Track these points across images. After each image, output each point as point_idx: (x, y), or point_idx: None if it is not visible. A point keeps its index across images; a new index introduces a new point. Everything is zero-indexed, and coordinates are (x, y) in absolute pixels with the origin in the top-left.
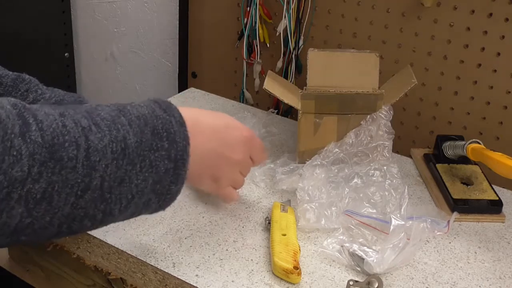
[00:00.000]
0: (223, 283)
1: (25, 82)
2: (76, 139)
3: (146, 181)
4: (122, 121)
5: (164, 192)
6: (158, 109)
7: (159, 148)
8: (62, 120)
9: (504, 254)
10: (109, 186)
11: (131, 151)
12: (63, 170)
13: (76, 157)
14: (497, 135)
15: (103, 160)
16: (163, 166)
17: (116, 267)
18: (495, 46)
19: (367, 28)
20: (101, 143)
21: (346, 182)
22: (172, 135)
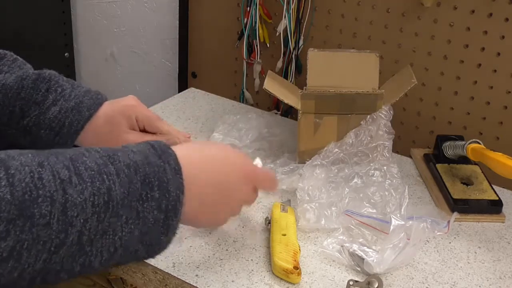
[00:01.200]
0: (223, 283)
1: (45, 80)
2: (51, 193)
3: (132, 233)
4: (110, 170)
5: (153, 243)
6: (152, 155)
7: (148, 199)
8: (40, 171)
9: (504, 254)
10: (89, 240)
11: (116, 203)
12: (34, 227)
13: (50, 213)
14: (497, 135)
15: (81, 214)
16: (152, 217)
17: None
18: (495, 46)
19: (367, 28)
20: (81, 197)
21: (346, 182)
22: (164, 184)
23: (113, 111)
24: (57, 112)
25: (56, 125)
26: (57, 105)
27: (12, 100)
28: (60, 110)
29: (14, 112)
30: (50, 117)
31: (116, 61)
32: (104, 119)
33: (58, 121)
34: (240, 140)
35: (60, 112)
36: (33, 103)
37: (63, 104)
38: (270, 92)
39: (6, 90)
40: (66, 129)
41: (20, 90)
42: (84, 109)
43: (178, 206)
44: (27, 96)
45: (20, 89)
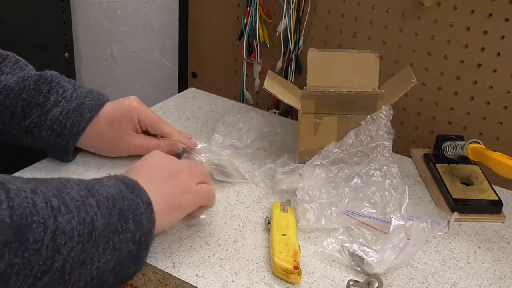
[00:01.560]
0: (223, 283)
1: (47, 81)
2: (44, 220)
3: (107, 263)
4: (91, 202)
5: (123, 273)
6: (125, 189)
7: (124, 231)
8: (33, 198)
9: (504, 254)
10: (70, 268)
11: (98, 234)
12: (27, 252)
13: (42, 239)
14: (497, 135)
15: (68, 243)
16: (126, 249)
17: None
18: (495, 46)
19: (367, 28)
20: (69, 225)
21: (346, 182)
22: (138, 217)
23: (114, 112)
24: (59, 113)
25: (58, 126)
26: (59, 106)
27: (14, 101)
28: (62, 111)
29: (15, 113)
30: (51, 118)
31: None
32: (105, 121)
33: (59, 123)
34: (241, 140)
35: (62, 113)
36: (34, 104)
37: (65, 105)
38: (270, 92)
39: (8, 91)
40: (68, 131)
41: (21, 91)
42: (86, 110)
43: (149, 239)
44: (28, 97)
45: (21, 90)
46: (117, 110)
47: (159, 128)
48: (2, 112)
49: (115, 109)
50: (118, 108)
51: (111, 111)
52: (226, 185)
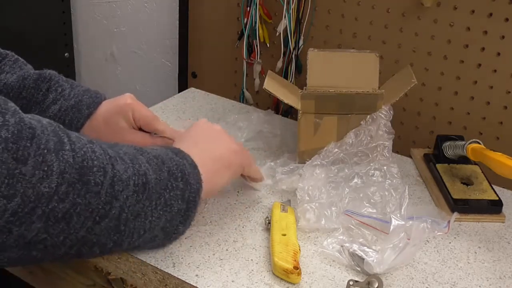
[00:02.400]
0: (223, 283)
1: (46, 80)
2: (104, 165)
3: (159, 218)
4: (142, 159)
5: (171, 231)
6: (170, 152)
7: (174, 188)
8: (91, 146)
9: (504, 254)
10: (126, 219)
11: (151, 187)
12: (88, 193)
13: (101, 183)
14: (497, 135)
15: (125, 190)
16: (176, 206)
17: (116, 267)
18: (495, 46)
19: (367, 28)
20: (126, 174)
21: (346, 182)
22: (186, 176)
23: (110, 110)
24: (57, 110)
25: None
26: (57, 104)
27: (14, 99)
28: (60, 109)
29: None
30: (50, 115)
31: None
32: (102, 118)
33: (58, 119)
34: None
35: (60, 111)
36: (34, 103)
37: (63, 103)
38: (270, 92)
39: (8, 90)
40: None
41: (21, 90)
42: (84, 107)
43: (197, 198)
44: (28, 95)
45: (21, 88)
46: (113, 108)
47: (153, 125)
48: None
49: (111, 106)
50: (114, 106)
51: (108, 109)
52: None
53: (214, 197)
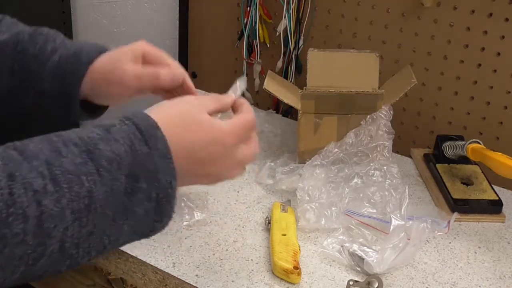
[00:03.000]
0: (223, 283)
1: (43, 34)
2: (24, 210)
3: (121, 228)
4: (89, 169)
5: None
6: (138, 141)
7: (135, 191)
8: (10, 185)
9: (504, 254)
10: (74, 244)
11: (99, 206)
12: (7, 247)
13: (24, 231)
14: (497, 135)
15: (60, 224)
16: (142, 209)
17: (116, 267)
18: (495, 46)
19: (367, 28)
20: (58, 206)
21: (346, 182)
22: (151, 173)
23: (117, 50)
24: (56, 61)
25: (57, 75)
26: (56, 54)
27: (10, 56)
28: (60, 59)
29: (14, 70)
30: (50, 68)
31: None
32: (104, 71)
33: (58, 73)
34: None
35: (60, 61)
36: (31, 56)
37: (63, 52)
38: (270, 92)
39: (2, 46)
40: (69, 78)
41: (16, 45)
42: (83, 55)
43: (171, 192)
44: (23, 50)
45: (16, 43)
46: (120, 49)
47: (165, 60)
48: (2, 70)
49: (118, 49)
50: (121, 48)
51: (115, 51)
52: (226, 185)
53: (214, 197)
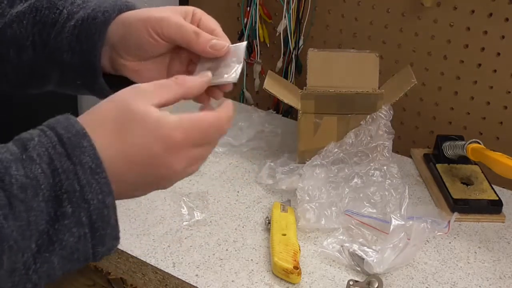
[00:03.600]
0: (223, 283)
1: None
2: None
3: (49, 261)
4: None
5: (87, 257)
6: (58, 156)
7: (59, 217)
8: None
9: (504, 254)
10: None
11: (13, 243)
12: None
13: None
14: (497, 135)
15: None
16: (72, 236)
17: (116, 267)
18: (495, 46)
19: (367, 28)
20: None
21: (346, 182)
22: (77, 193)
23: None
24: (72, 27)
25: (73, 42)
26: (73, 19)
27: (29, 27)
28: (76, 24)
29: (35, 42)
30: (66, 34)
31: None
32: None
33: (74, 36)
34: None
35: (76, 26)
36: (50, 26)
37: (80, 14)
38: (270, 92)
39: (20, 17)
40: (85, 43)
41: (35, 14)
42: (99, 14)
43: (107, 212)
44: (42, 18)
45: (35, 12)
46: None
47: (217, 32)
48: (23, 45)
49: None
50: (139, 15)
51: (130, 16)
52: (226, 185)
53: (214, 197)
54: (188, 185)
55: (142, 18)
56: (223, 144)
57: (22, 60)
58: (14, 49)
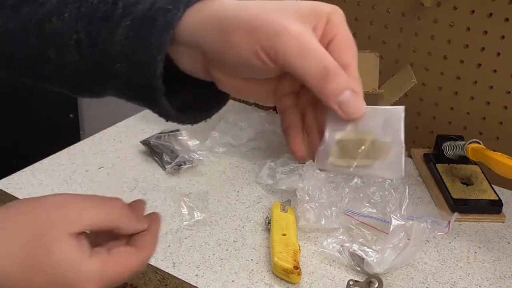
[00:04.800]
0: (223, 283)
1: None
2: None
3: None
4: None
5: None
6: None
7: None
8: None
9: (504, 254)
10: None
11: None
12: None
13: None
14: (497, 135)
15: None
16: None
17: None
18: (495, 46)
19: (367, 28)
20: None
21: (346, 182)
22: None
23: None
24: (128, 28)
25: (130, 51)
26: (129, 15)
27: (73, 22)
28: (132, 25)
29: (80, 41)
30: (120, 37)
31: None
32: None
33: (129, 41)
34: (237, 139)
35: (132, 28)
36: (100, 20)
37: (139, 10)
38: None
39: (61, 9)
40: (139, 54)
41: (80, 5)
42: (160, 13)
43: None
44: (89, 11)
45: (79, 2)
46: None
47: (344, 54)
48: (65, 44)
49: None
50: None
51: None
52: (226, 185)
53: (214, 197)
54: (188, 185)
55: (246, 26)
56: (223, 144)
57: (65, 63)
58: (54, 48)
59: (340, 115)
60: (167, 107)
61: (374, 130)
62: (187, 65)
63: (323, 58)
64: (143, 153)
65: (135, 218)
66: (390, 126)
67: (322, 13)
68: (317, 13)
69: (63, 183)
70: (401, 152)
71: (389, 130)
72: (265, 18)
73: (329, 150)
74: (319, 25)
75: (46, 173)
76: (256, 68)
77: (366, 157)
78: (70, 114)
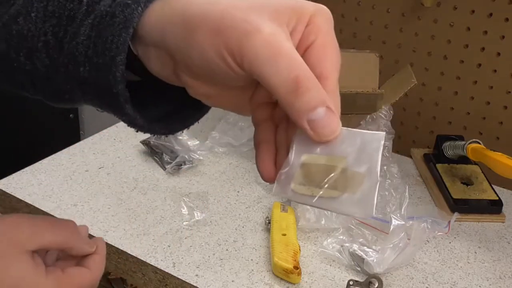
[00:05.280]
0: (223, 283)
1: None
2: None
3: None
4: None
5: None
6: None
7: None
8: None
9: (504, 254)
10: None
11: None
12: None
13: None
14: (497, 135)
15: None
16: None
17: (116, 267)
18: (495, 46)
19: (367, 28)
20: None
21: None
22: None
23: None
24: (90, 26)
25: (92, 53)
26: (92, 13)
27: (40, 23)
28: (94, 23)
29: (48, 43)
30: (83, 37)
31: None
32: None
33: (92, 43)
34: (237, 138)
35: (94, 26)
36: (66, 20)
37: (100, 9)
38: None
39: (28, 9)
40: (102, 57)
41: (47, 2)
42: (119, 9)
43: None
44: (57, 9)
45: (46, 1)
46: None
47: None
48: (32, 47)
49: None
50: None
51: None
52: (226, 185)
53: (214, 197)
54: (188, 185)
55: (213, 23)
56: (223, 144)
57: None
58: (24, 52)
59: (309, 135)
60: (132, 115)
61: (347, 156)
62: (156, 68)
63: (295, 67)
64: (143, 153)
65: (86, 241)
66: (366, 154)
67: (304, 13)
68: (297, 12)
69: (63, 183)
70: (374, 187)
71: (364, 159)
72: (235, 15)
73: (292, 174)
74: (299, 27)
75: (46, 173)
76: (222, 73)
77: (333, 188)
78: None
